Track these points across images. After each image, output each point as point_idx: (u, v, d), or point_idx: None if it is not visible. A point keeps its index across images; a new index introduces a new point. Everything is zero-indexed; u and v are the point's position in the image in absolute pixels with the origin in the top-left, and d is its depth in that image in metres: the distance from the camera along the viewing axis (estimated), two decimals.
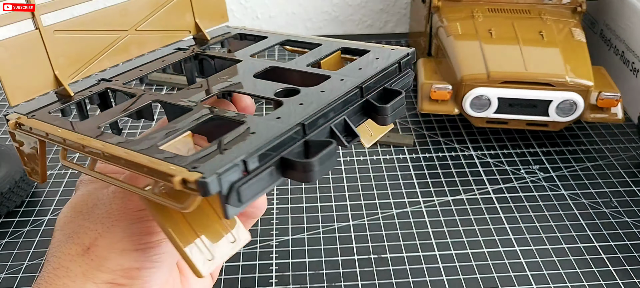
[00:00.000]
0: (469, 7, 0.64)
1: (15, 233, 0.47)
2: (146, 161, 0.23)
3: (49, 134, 0.28)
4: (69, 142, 0.27)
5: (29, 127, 0.29)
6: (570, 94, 0.54)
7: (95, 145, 0.26)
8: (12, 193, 0.48)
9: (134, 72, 0.34)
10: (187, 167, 0.22)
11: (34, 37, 0.30)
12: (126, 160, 0.24)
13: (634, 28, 0.62)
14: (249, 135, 0.25)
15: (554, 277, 0.43)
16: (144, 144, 0.25)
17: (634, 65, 0.62)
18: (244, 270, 0.44)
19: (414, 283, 0.42)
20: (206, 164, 0.22)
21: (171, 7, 0.35)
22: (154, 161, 0.23)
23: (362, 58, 0.34)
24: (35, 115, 0.29)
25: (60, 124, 0.28)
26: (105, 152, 0.25)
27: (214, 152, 0.24)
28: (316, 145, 0.26)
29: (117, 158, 0.25)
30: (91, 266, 0.28)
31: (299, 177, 0.25)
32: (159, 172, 0.23)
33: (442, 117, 0.63)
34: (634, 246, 0.46)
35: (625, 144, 0.59)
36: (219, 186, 0.22)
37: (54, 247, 0.29)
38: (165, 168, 0.23)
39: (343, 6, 0.85)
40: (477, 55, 0.56)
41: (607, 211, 0.49)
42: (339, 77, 0.31)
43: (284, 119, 0.26)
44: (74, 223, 0.29)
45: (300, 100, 0.28)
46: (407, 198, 0.51)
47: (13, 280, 0.43)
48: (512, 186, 0.52)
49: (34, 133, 0.29)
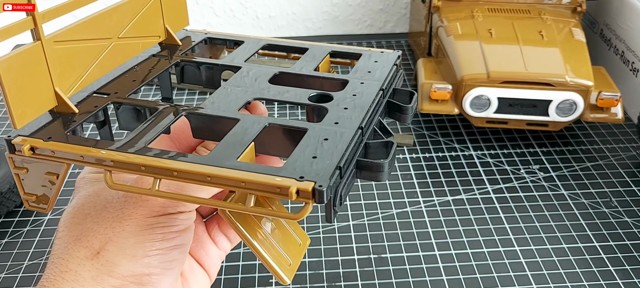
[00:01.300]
0: (469, 7, 0.64)
1: (15, 233, 0.47)
2: (250, 177, 0.24)
3: (84, 157, 0.26)
4: (120, 164, 0.26)
5: (50, 150, 0.27)
6: (570, 94, 0.54)
7: (168, 165, 0.25)
8: (12, 193, 0.48)
9: (127, 81, 0.32)
10: (293, 177, 0.23)
11: (36, 50, 0.27)
12: (220, 176, 0.24)
13: (634, 28, 0.62)
14: (324, 142, 0.26)
15: (554, 277, 0.43)
16: (223, 159, 0.25)
17: (634, 65, 0.62)
18: (243, 270, 0.44)
19: (414, 283, 0.42)
20: (313, 173, 0.24)
21: (146, 12, 0.34)
22: (258, 176, 0.24)
23: (361, 61, 0.35)
24: (52, 137, 0.27)
25: (98, 144, 0.27)
26: (182, 170, 0.24)
27: (305, 160, 0.25)
28: (375, 146, 0.28)
29: (201, 176, 0.24)
30: (101, 271, 0.28)
31: (371, 177, 0.26)
32: (267, 185, 0.23)
33: (442, 117, 0.63)
34: (634, 246, 0.46)
35: (625, 143, 0.59)
36: (330, 193, 0.23)
37: (60, 249, 0.29)
38: (272, 180, 0.23)
39: (343, 6, 0.85)
40: (477, 55, 0.56)
41: (607, 211, 0.49)
42: (359, 81, 0.32)
43: (342, 124, 0.28)
44: (82, 226, 0.29)
45: (343, 105, 0.30)
46: (407, 198, 0.51)
47: (13, 280, 0.43)
48: (512, 186, 0.52)
49: (58, 158, 0.27)
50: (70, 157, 0.26)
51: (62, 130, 0.28)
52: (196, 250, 0.33)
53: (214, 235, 0.34)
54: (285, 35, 0.85)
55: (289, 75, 0.34)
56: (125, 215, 0.28)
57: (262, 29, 0.85)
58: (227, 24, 0.84)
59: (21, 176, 0.29)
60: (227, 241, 0.34)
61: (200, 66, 0.35)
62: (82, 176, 0.32)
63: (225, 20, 0.84)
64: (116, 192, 0.29)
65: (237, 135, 0.27)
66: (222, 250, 0.34)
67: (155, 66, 0.34)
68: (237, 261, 0.44)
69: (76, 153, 0.26)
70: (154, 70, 0.34)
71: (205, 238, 0.34)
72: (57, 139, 0.27)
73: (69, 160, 0.27)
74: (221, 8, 0.83)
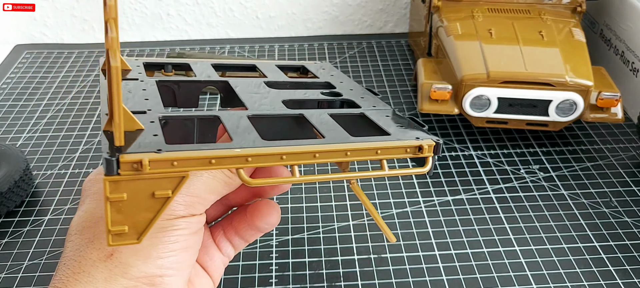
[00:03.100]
0: (469, 7, 0.64)
1: (15, 233, 0.47)
2: (381, 144, 0.29)
3: (215, 159, 0.25)
4: (260, 158, 0.26)
5: (171, 161, 0.24)
6: (570, 93, 0.54)
7: (308, 149, 0.27)
8: (12, 193, 0.48)
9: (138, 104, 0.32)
10: (410, 138, 0.30)
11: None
12: (357, 149, 0.28)
13: (634, 28, 0.62)
14: (385, 118, 0.33)
15: (554, 277, 0.43)
16: (337, 138, 0.29)
17: (634, 65, 0.62)
18: (243, 270, 0.44)
19: (414, 283, 0.42)
20: (422, 133, 0.31)
21: None
22: (387, 142, 0.29)
23: (311, 75, 0.42)
24: (162, 149, 0.25)
25: (213, 147, 0.25)
26: (322, 151, 0.27)
27: (397, 129, 0.31)
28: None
29: (339, 153, 0.28)
30: (114, 272, 0.28)
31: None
32: (399, 148, 0.29)
33: (442, 117, 0.63)
34: (634, 246, 0.46)
35: (625, 143, 0.59)
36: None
37: (72, 251, 0.29)
38: (402, 143, 0.29)
39: (343, 6, 0.85)
40: (477, 55, 0.56)
41: (607, 211, 0.49)
42: (346, 88, 0.39)
43: (378, 106, 0.36)
44: (95, 229, 0.30)
45: (373, 103, 0.37)
46: (407, 198, 0.51)
47: (13, 280, 0.43)
48: (512, 186, 0.52)
49: (180, 169, 0.24)
50: (197, 164, 0.24)
51: (160, 142, 0.26)
52: (201, 255, 0.34)
53: (219, 241, 0.35)
54: (285, 35, 0.85)
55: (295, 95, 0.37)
56: None
57: (262, 28, 0.85)
58: (227, 24, 0.84)
59: (116, 206, 0.25)
60: (231, 247, 0.35)
61: (178, 84, 0.36)
62: (90, 178, 0.33)
63: (225, 21, 0.84)
64: None
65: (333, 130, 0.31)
66: (226, 256, 0.35)
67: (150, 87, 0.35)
68: (237, 261, 0.44)
69: (205, 158, 0.24)
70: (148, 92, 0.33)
71: (209, 243, 0.35)
72: (167, 149, 0.25)
73: (195, 168, 0.25)
74: (221, 8, 0.83)
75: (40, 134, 0.61)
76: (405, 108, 0.65)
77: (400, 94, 0.68)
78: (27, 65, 0.76)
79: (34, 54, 0.79)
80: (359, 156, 0.28)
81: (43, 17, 0.82)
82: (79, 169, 0.55)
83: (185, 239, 0.29)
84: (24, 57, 0.78)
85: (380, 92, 0.68)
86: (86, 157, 0.57)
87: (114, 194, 0.24)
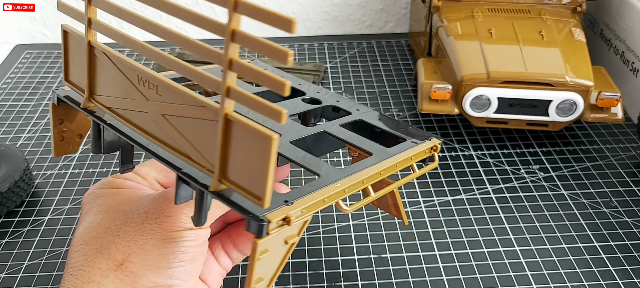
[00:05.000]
0: (469, 7, 0.64)
1: (15, 233, 0.47)
2: (403, 156, 0.33)
3: (328, 198, 0.28)
4: (350, 188, 0.30)
5: (301, 208, 0.27)
6: (570, 94, 0.54)
7: (373, 171, 0.32)
8: (12, 193, 0.48)
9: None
10: (422, 141, 0.35)
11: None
12: (387, 168, 0.32)
13: (634, 28, 0.62)
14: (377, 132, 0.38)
15: (554, 277, 0.43)
16: (384, 152, 0.33)
17: (634, 65, 0.62)
18: (243, 270, 0.44)
19: (414, 283, 0.42)
20: (427, 134, 0.37)
21: None
22: (416, 148, 0.34)
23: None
24: (288, 200, 0.27)
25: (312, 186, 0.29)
26: (383, 169, 0.32)
27: (397, 127, 0.37)
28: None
29: (376, 175, 0.32)
30: (125, 282, 0.29)
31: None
32: (423, 152, 0.35)
33: (442, 117, 0.63)
34: (634, 246, 0.46)
35: (625, 143, 0.59)
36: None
37: (79, 262, 0.30)
38: (425, 146, 0.35)
39: (343, 6, 0.85)
40: (477, 55, 0.56)
41: (607, 211, 0.49)
42: (313, 91, 0.43)
43: (362, 110, 0.40)
44: (103, 239, 0.30)
45: (350, 103, 0.41)
46: (407, 198, 0.51)
47: (13, 280, 0.43)
48: (512, 186, 0.52)
49: (307, 212, 0.27)
50: (317, 206, 0.27)
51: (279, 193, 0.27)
52: None
53: (217, 254, 0.36)
54: (285, 35, 0.85)
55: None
56: (148, 229, 0.30)
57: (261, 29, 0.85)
58: None
59: (262, 262, 0.26)
60: (229, 260, 0.36)
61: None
62: (91, 192, 0.34)
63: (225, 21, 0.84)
64: (136, 207, 0.31)
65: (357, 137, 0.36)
66: (224, 268, 0.36)
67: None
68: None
69: (320, 200, 0.28)
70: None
71: (208, 256, 0.36)
72: (294, 198, 0.27)
73: (314, 210, 0.27)
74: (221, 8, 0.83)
75: (40, 134, 0.61)
76: (405, 108, 0.65)
77: (400, 94, 0.68)
78: (27, 65, 0.76)
79: (34, 54, 0.79)
80: (403, 166, 0.33)
81: (43, 17, 0.82)
82: (79, 169, 0.55)
83: (193, 250, 0.30)
84: (24, 57, 0.78)
85: (380, 92, 0.69)
86: (86, 157, 0.57)
87: (261, 254, 0.25)
